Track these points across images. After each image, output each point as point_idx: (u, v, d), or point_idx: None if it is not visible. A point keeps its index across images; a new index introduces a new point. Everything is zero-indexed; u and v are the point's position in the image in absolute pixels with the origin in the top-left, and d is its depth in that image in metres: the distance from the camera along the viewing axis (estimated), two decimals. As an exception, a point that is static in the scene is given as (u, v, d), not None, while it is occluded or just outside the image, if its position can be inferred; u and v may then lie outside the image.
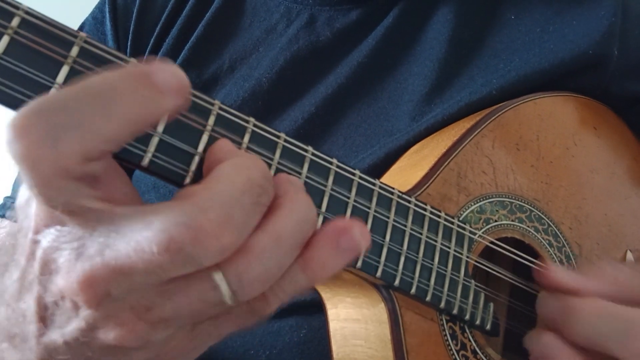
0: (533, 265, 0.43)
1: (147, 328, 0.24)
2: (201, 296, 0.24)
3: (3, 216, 0.54)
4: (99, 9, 0.61)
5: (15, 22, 0.26)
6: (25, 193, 0.27)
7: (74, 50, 0.27)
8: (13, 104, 0.25)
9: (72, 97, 0.23)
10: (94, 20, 0.61)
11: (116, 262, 0.23)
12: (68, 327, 0.24)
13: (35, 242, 0.25)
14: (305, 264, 0.27)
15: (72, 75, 0.26)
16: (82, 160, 0.23)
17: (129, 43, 0.58)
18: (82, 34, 0.27)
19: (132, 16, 0.58)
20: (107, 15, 0.59)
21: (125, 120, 0.24)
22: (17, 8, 0.26)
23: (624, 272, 0.37)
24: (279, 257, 0.25)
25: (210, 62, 0.56)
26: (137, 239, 0.22)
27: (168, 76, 0.24)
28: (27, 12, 0.26)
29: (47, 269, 0.24)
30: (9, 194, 0.58)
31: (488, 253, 0.42)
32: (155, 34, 0.58)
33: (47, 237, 0.24)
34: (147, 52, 0.57)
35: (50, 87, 0.26)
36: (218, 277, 0.24)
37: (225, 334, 0.28)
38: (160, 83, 0.24)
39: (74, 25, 0.62)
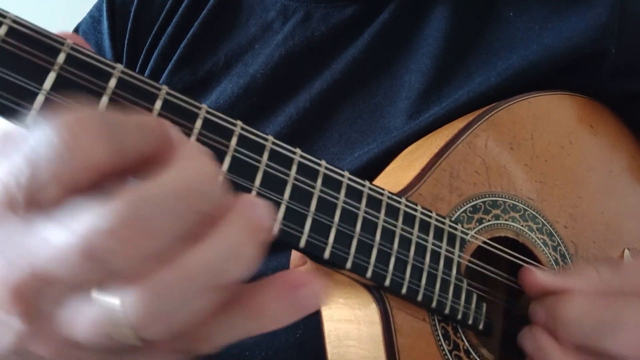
0: (526, 265, 0.43)
1: (70, 350, 0.23)
2: (101, 329, 0.22)
3: None
4: (96, 7, 0.62)
5: (2, 30, 0.26)
6: None
7: (61, 57, 0.27)
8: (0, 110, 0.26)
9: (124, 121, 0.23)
10: (91, 19, 0.62)
11: (42, 270, 0.21)
12: (5, 338, 0.23)
13: None
14: (252, 313, 0.24)
15: (59, 81, 0.27)
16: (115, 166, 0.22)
17: (126, 41, 0.58)
18: (69, 41, 0.28)
19: (130, 15, 0.59)
20: (105, 14, 0.59)
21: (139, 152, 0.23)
22: (4, 17, 0.26)
23: (606, 270, 0.37)
24: (189, 299, 0.22)
25: (206, 59, 0.56)
26: (59, 245, 0.21)
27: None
28: (14, 21, 0.27)
29: None
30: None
31: (485, 253, 0.42)
32: (152, 32, 0.58)
33: None
34: (144, 51, 0.57)
35: (37, 94, 0.26)
36: (117, 312, 0.21)
37: None
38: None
39: (72, 23, 0.63)
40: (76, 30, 0.62)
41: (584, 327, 0.34)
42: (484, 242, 0.41)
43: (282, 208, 0.32)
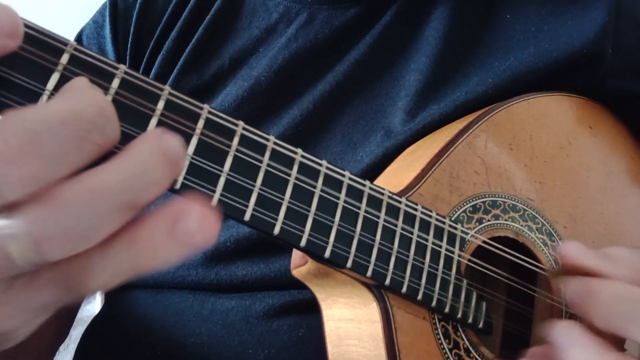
0: (526, 264, 0.43)
1: None
2: None
3: None
4: (100, 13, 0.62)
5: (6, 31, 0.26)
6: None
7: (64, 58, 0.27)
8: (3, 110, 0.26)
9: None
10: (94, 24, 0.62)
11: None
12: None
13: None
14: (130, 242, 0.23)
15: (63, 81, 0.27)
16: None
17: (128, 46, 0.59)
18: (72, 42, 0.28)
19: (132, 19, 0.59)
20: (107, 19, 0.60)
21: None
22: (9, 18, 0.27)
23: (638, 256, 0.37)
24: (92, 215, 0.22)
25: (211, 63, 0.57)
26: None
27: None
28: None
29: None
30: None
31: (485, 253, 0.42)
32: (155, 36, 0.58)
33: None
34: (146, 54, 0.58)
35: (40, 94, 0.27)
36: (9, 226, 0.21)
37: (46, 307, 0.24)
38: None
39: (76, 28, 0.63)
40: (80, 35, 0.63)
41: (618, 312, 0.34)
42: (484, 242, 0.42)
43: (284, 208, 0.33)
